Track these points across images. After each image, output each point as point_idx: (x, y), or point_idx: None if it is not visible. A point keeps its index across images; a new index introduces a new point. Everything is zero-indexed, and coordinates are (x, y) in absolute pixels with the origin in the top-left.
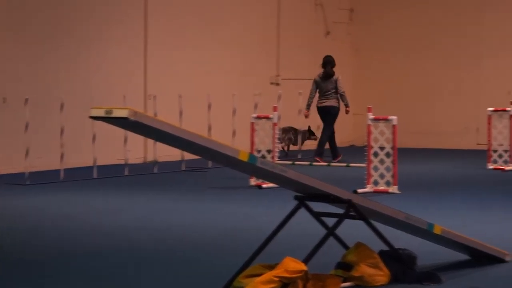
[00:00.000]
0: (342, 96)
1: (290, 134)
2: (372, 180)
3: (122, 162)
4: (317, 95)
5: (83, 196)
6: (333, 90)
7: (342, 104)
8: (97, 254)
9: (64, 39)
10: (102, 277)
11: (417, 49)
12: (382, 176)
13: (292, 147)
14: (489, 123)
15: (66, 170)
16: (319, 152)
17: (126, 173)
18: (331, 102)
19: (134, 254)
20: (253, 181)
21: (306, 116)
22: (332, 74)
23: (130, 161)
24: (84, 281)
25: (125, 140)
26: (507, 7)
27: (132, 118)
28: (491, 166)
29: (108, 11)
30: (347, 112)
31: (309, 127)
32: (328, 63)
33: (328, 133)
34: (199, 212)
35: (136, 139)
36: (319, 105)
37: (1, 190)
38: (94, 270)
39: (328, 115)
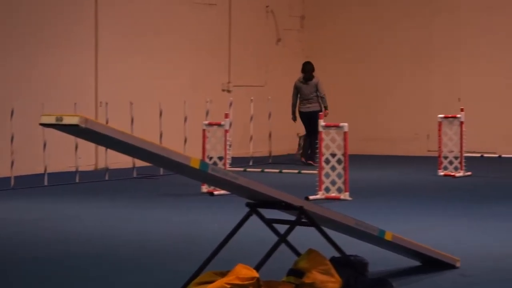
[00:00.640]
0: (323, 99)
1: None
2: (323, 187)
3: (73, 169)
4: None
5: (34, 203)
6: (314, 94)
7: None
8: (46, 261)
9: (14, 47)
10: (50, 284)
11: (367, 56)
12: (333, 183)
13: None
14: (439, 130)
15: (16, 177)
16: (311, 156)
17: (77, 180)
18: (315, 107)
19: (84, 261)
20: (205, 188)
21: (294, 121)
22: (313, 77)
23: (81, 168)
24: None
25: (76, 147)
26: (456, 13)
27: (83, 125)
28: (441, 172)
29: (58, 18)
30: (325, 114)
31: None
32: (307, 66)
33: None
34: (150, 219)
35: (87, 146)
36: (304, 110)
37: None
38: (43, 277)
39: (314, 119)
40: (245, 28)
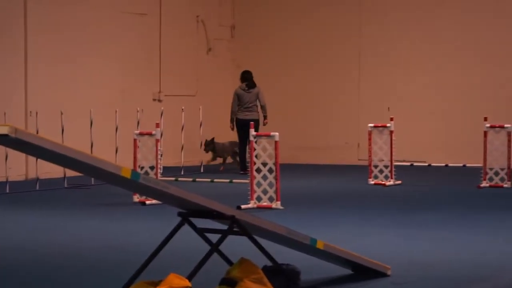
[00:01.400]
0: (264, 108)
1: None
2: (255, 196)
3: (4, 179)
4: None
5: None
6: (255, 103)
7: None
8: None
9: None
10: None
11: (297, 65)
12: (265, 192)
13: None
14: (369, 139)
15: None
16: (245, 166)
17: (7, 190)
18: (254, 115)
19: (11, 273)
20: (136, 198)
21: (232, 129)
22: (255, 85)
23: (11, 179)
24: None
25: (6, 157)
26: (386, 24)
27: (13, 135)
28: (372, 181)
29: None
30: (264, 124)
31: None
32: (249, 74)
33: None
34: (82, 229)
35: (17, 156)
36: (243, 118)
37: None
38: None
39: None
40: (176, 38)
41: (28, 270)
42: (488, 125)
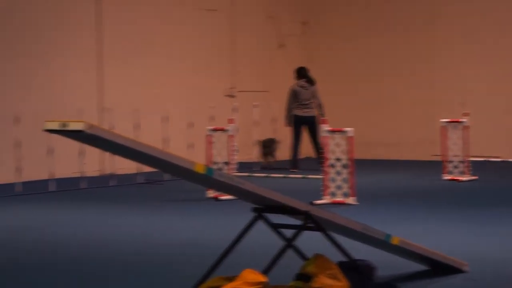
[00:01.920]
0: (321, 106)
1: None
2: (329, 191)
3: (79, 175)
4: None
5: (39, 209)
6: (312, 100)
7: None
8: (52, 267)
9: (19, 54)
10: None
11: (370, 61)
12: (339, 187)
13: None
14: (443, 134)
15: (22, 183)
16: (296, 164)
17: (82, 186)
18: (313, 112)
19: (90, 267)
20: (210, 193)
21: (289, 126)
22: (314, 82)
23: (87, 174)
24: None
25: (82, 153)
26: (460, 19)
27: (88, 131)
28: (446, 177)
29: (62, 24)
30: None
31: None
32: (306, 71)
33: (317, 142)
34: (156, 224)
35: (92, 152)
36: (301, 115)
37: None
38: (46, 283)
39: (311, 124)
40: (248, 33)
41: (107, 265)
42: None
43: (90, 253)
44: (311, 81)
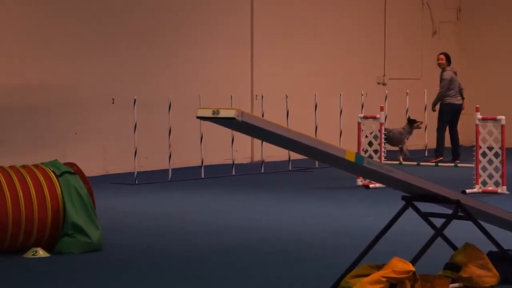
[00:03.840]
0: (462, 91)
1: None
2: (480, 180)
3: (230, 162)
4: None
5: (191, 196)
6: (461, 87)
7: None
8: (205, 254)
9: (172, 41)
10: (206, 277)
11: None
12: (490, 176)
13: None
14: None
15: (174, 170)
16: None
17: (233, 173)
18: (461, 100)
19: (242, 254)
20: (360, 181)
21: (436, 111)
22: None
23: (237, 161)
24: (187, 280)
25: (233, 140)
26: None
27: (239, 119)
28: None
29: (215, 11)
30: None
31: (408, 117)
32: (450, 57)
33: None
34: (306, 212)
35: (243, 139)
36: (456, 102)
37: (111, 189)
38: (201, 270)
39: (459, 113)
40: (400, 21)
41: (258, 251)
42: None
43: (238, 240)
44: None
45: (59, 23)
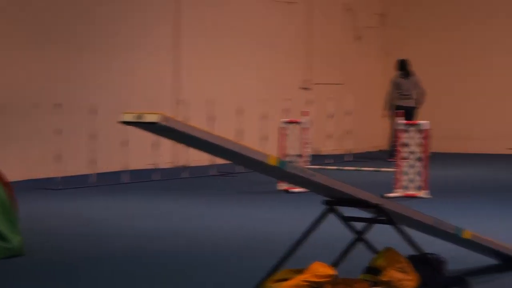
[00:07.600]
0: (422, 95)
1: None
2: (401, 184)
3: (153, 166)
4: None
5: (114, 200)
6: (412, 90)
7: None
8: (125, 257)
9: (95, 46)
10: (124, 281)
11: (449, 54)
12: (412, 180)
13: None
14: None
15: (97, 174)
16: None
17: (156, 177)
18: (412, 102)
19: (162, 258)
20: (281, 186)
21: (385, 117)
22: (413, 74)
23: (160, 166)
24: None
25: (155, 144)
26: None
27: (163, 123)
28: None
29: (138, 17)
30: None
31: None
32: (407, 62)
33: None
34: (227, 216)
35: (166, 144)
36: (401, 104)
37: (33, 194)
38: (119, 274)
39: (410, 115)
40: (324, 26)
41: (179, 256)
42: None
43: (160, 244)
44: (406, 73)
45: None
